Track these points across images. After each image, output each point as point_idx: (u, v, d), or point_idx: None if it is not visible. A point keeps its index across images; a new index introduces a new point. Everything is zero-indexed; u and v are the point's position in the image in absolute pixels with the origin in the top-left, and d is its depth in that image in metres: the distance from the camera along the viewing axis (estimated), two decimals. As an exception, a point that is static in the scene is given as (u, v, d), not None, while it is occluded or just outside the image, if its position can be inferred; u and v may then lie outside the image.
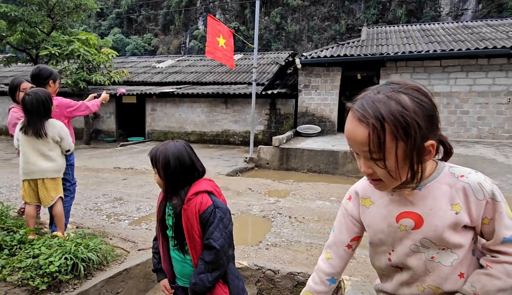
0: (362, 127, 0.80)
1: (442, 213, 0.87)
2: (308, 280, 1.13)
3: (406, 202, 0.91)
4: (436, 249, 0.90)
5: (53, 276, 2.07)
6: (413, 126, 0.77)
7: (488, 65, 9.72)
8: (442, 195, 0.88)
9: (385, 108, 0.77)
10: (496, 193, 0.86)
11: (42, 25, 12.51)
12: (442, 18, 28.19)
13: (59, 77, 3.25)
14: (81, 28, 29.00)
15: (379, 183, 0.88)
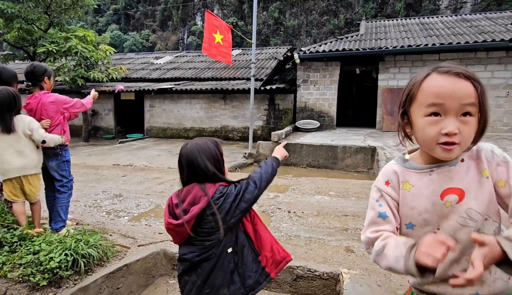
0: (468, 83, 0.89)
1: (477, 182, 0.94)
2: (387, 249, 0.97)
3: (446, 179, 0.96)
4: (481, 220, 0.93)
5: (54, 272, 2.08)
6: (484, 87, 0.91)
7: (487, 59, 9.70)
8: (471, 166, 0.95)
9: (470, 72, 0.91)
10: (507, 157, 0.94)
11: (39, 22, 12.44)
12: (441, 11, 28.07)
13: (54, 74, 3.26)
14: (79, 25, 28.84)
15: (454, 148, 0.91)
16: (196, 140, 1.52)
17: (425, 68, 0.97)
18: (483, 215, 0.93)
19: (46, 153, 3.07)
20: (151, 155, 9.37)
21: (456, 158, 0.96)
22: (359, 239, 3.45)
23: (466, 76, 0.89)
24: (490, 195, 0.93)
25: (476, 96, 0.89)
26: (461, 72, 0.90)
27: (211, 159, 1.46)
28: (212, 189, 1.40)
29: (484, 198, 0.93)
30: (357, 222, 3.96)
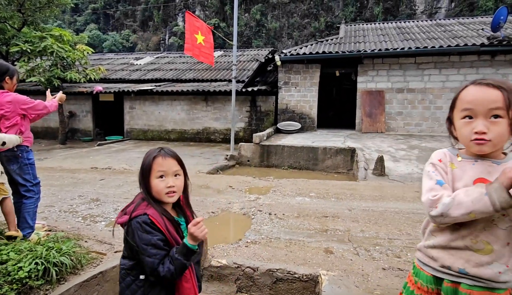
0: (496, 90, 1.09)
1: None
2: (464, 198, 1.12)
3: (485, 172, 1.14)
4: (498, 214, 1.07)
5: (23, 282, 2.00)
6: None
7: (460, 62, 10.07)
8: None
9: (506, 83, 1.10)
10: None
11: (12, 21, 11.99)
12: (417, 16, 28.95)
13: (17, 74, 3.10)
14: (55, 24, 28.00)
15: (486, 143, 1.10)
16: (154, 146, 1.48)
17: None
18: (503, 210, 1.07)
19: (6, 155, 2.90)
20: (131, 158, 9.19)
21: (501, 158, 1.15)
22: (338, 240, 3.50)
23: (495, 85, 1.10)
24: None
25: (503, 101, 1.07)
26: (491, 82, 1.11)
27: (140, 171, 1.40)
28: (137, 211, 1.32)
29: None
30: (336, 223, 4.01)
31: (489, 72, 9.90)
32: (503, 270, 1.12)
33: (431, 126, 10.42)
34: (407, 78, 10.46)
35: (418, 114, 10.47)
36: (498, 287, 1.13)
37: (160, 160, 1.37)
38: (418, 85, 10.40)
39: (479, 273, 1.13)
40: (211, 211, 4.52)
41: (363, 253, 3.16)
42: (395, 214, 4.31)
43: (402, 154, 7.61)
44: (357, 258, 3.04)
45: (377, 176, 6.34)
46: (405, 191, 5.42)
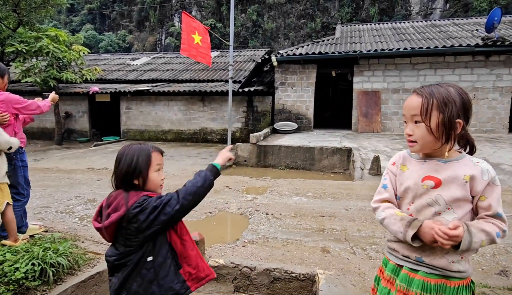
0: (418, 97, 1.22)
1: (456, 180, 1.20)
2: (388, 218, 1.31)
3: (432, 170, 1.25)
4: (444, 207, 1.21)
5: (20, 283, 2.00)
6: (451, 104, 1.17)
7: (455, 63, 10.15)
8: (459, 169, 1.21)
9: (436, 89, 1.21)
10: (497, 179, 1.19)
11: (8, 21, 11.91)
12: (412, 16, 29.11)
13: (8, 73, 3.05)
14: (51, 24, 27.84)
15: (413, 144, 1.25)
16: (135, 143, 1.51)
17: None
18: (447, 204, 1.21)
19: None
20: (127, 158, 9.15)
21: (446, 157, 1.23)
22: (335, 239, 3.52)
23: (419, 93, 1.23)
24: (460, 193, 1.19)
25: (420, 108, 1.20)
26: (417, 90, 1.25)
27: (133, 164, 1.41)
28: (134, 198, 1.36)
29: (453, 193, 1.20)
30: (333, 223, 4.03)
31: (484, 73, 9.99)
32: (456, 260, 1.21)
33: (427, 126, 10.47)
34: (402, 79, 10.53)
35: (414, 114, 10.52)
36: (453, 276, 1.21)
37: (156, 155, 1.46)
38: (414, 85, 10.46)
39: (433, 262, 1.22)
40: (208, 211, 4.52)
41: (359, 252, 3.18)
42: (391, 213, 4.34)
43: (398, 154, 7.65)
44: (354, 257, 3.06)
45: (373, 176, 6.37)
46: (401, 190, 5.45)
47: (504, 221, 1.18)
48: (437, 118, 1.18)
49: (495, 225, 1.16)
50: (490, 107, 10.07)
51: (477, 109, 10.12)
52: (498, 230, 1.16)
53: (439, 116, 1.18)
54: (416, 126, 1.23)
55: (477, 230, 1.14)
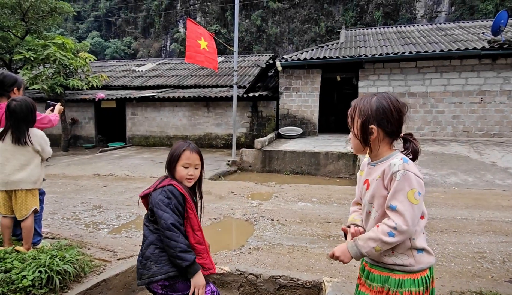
0: (350, 108, 1.39)
1: (375, 181, 1.32)
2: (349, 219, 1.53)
3: (367, 173, 1.40)
4: (369, 206, 1.36)
5: (27, 290, 2.00)
6: (366, 111, 1.31)
7: (461, 66, 10.08)
8: (379, 169, 1.31)
9: (361, 100, 1.36)
10: (399, 174, 1.23)
11: (16, 29, 12.11)
12: (417, 20, 29.05)
13: (24, 84, 3.14)
14: (58, 31, 28.25)
15: (352, 147, 1.43)
16: (182, 141, 1.80)
17: None
18: (369, 203, 1.35)
19: None
20: (133, 164, 9.21)
21: (375, 160, 1.36)
22: (341, 246, 3.48)
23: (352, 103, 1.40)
24: (374, 191, 1.31)
25: (350, 116, 1.38)
26: (353, 100, 1.40)
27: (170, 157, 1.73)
28: (164, 183, 1.67)
29: (371, 192, 1.33)
30: (339, 229, 3.99)
31: (491, 76, 9.91)
32: (388, 254, 1.30)
33: (433, 130, 10.40)
34: (408, 83, 10.47)
35: (420, 118, 10.46)
36: (394, 268, 1.30)
37: (188, 153, 1.71)
38: (420, 89, 10.40)
39: (370, 257, 1.34)
40: (213, 217, 4.52)
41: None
42: (398, 219, 4.29)
43: (404, 158, 7.58)
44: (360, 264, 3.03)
45: (379, 181, 6.32)
46: (408, 195, 5.39)
47: (400, 215, 1.21)
48: (357, 124, 1.34)
49: (384, 225, 1.23)
50: (498, 110, 9.97)
51: (484, 113, 10.02)
52: (388, 229, 1.22)
53: (358, 122, 1.33)
54: (351, 132, 1.40)
55: (363, 241, 1.27)
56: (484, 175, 6.30)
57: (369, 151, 1.36)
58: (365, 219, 1.40)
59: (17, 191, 2.67)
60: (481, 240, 3.57)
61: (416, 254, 1.28)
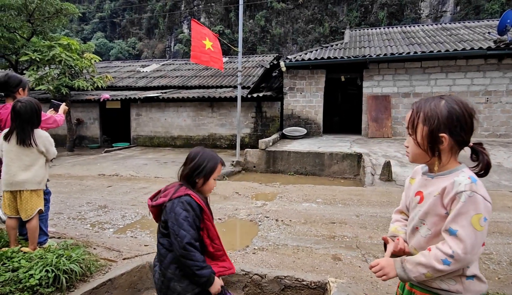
0: (410, 110, 1.23)
1: (432, 197, 1.16)
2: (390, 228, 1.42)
3: (422, 185, 1.24)
4: (419, 222, 1.21)
5: (34, 289, 2.02)
6: (435, 117, 1.14)
7: (467, 66, 10.01)
8: (441, 183, 1.15)
9: (425, 102, 1.19)
10: (464, 196, 1.07)
11: (22, 30, 12.23)
12: (422, 20, 28.90)
13: (28, 85, 3.17)
14: (63, 33, 28.46)
15: (408, 155, 1.27)
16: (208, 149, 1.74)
17: None
18: (420, 219, 1.20)
19: None
20: (137, 164, 9.25)
21: (435, 171, 1.20)
22: (346, 247, 3.47)
23: (412, 106, 1.23)
24: (429, 208, 1.16)
25: (408, 121, 1.23)
26: (414, 103, 1.23)
27: (203, 166, 1.64)
28: (180, 193, 1.57)
29: (425, 209, 1.18)
30: (344, 229, 3.98)
31: (497, 76, 9.82)
32: None
33: (438, 131, 10.33)
34: (413, 83, 10.42)
35: (425, 118, 10.40)
36: (437, 293, 1.16)
37: (220, 166, 1.72)
38: (425, 89, 10.34)
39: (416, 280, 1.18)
40: (218, 217, 4.52)
41: (371, 259, 3.13)
42: (403, 220, 4.27)
43: (409, 159, 7.55)
44: (366, 265, 3.02)
45: (384, 182, 6.30)
46: (413, 196, 5.36)
47: (459, 241, 1.05)
48: (422, 131, 1.17)
49: (438, 251, 1.09)
50: (504, 111, 9.88)
51: (490, 113, 9.94)
52: (443, 256, 1.07)
53: (423, 129, 1.16)
54: (409, 138, 1.23)
55: (412, 266, 1.14)
56: (490, 175, 6.25)
57: (431, 161, 1.19)
58: (411, 233, 1.25)
59: (22, 192, 2.69)
60: (487, 241, 3.54)
61: (466, 280, 1.13)
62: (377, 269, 1.20)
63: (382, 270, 1.19)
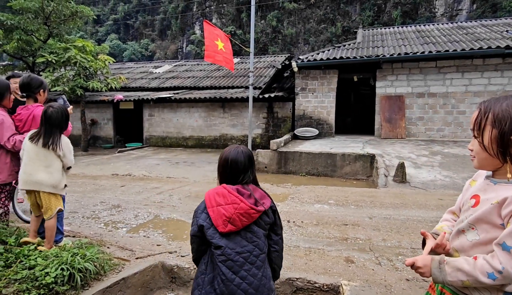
0: (476, 111, 1.15)
1: (489, 204, 1.08)
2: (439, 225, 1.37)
3: (482, 189, 1.17)
4: (467, 226, 1.14)
5: (49, 287, 2.05)
6: (506, 119, 1.05)
7: (484, 65, 9.77)
8: (502, 192, 1.07)
9: (496, 102, 1.10)
10: None
11: (39, 33, 12.51)
12: (437, 19, 28.35)
13: (48, 87, 3.27)
14: (78, 35, 29.03)
15: (473, 159, 1.18)
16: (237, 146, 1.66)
17: None
18: (470, 223, 1.13)
19: None
20: (150, 164, 9.35)
21: (500, 179, 1.13)
22: (359, 249, 3.43)
23: (478, 106, 1.14)
24: (483, 215, 1.08)
25: (473, 122, 1.14)
26: (481, 103, 1.15)
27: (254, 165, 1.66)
28: (267, 198, 1.57)
29: (478, 215, 1.10)
30: (357, 231, 3.93)
31: (515, 75, 9.55)
32: None
33: (454, 132, 10.12)
34: (428, 83, 10.23)
35: (440, 119, 10.19)
36: None
37: None
38: (440, 89, 10.14)
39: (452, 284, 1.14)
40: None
41: (385, 262, 3.08)
42: (418, 223, 4.19)
43: (424, 160, 7.41)
44: (379, 268, 2.97)
45: (398, 183, 6.20)
46: (428, 198, 5.26)
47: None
48: (490, 134, 1.08)
49: (486, 263, 1.03)
50: (522, 111, 9.60)
51: (508, 114, 9.67)
52: (490, 270, 1.01)
53: (492, 132, 1.07)
54: (474, 141, 1.15)
55: (452, 269, 1.08)
56: (509, 178, 6.07)
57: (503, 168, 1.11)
58: (455, 234, 1.20)
59: (39, 193, 2.76)
60: (506, 246, 3.43)
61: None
62: (413, 268, 1.17)
63: (420, 268, 1.15)
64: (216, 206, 1.48)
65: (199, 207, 1.55)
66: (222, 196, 1.49)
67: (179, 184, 6.82)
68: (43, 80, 3.18)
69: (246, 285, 1.45)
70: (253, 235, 1.50)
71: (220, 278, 1.45)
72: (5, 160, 2.96)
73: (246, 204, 1.47)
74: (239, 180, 1.55)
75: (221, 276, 1.45)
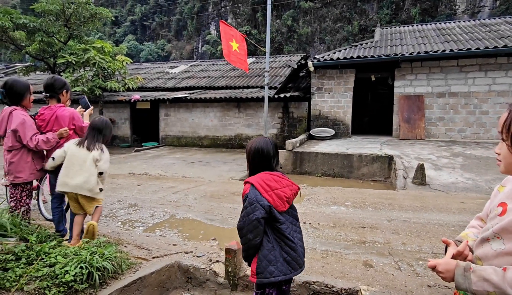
0: (505, 113, 1.08)
1: None
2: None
3: (510, 196, 1.11)
4: (492, 234, 1.10)
5: (69, 285, 2.08)
6: None
7: (508, 64, 9.41)
8: None
9: None
10: None
11: (59, 35, 12.85)
12: (458, 16, 27.54)
13: (70, 88, 3.40)
14: (97, 36, 29.69)
15: (499, 163, 1.15)
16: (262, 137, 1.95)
17: None
18: (495, 233, 1.08)
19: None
20: (166, 164, 9.44)
21: None
22: (378, 253, 3.34)
23: (508, 108, 1.08)
24: (510, 225, 1.04)
25: (501, 125, 1.08)
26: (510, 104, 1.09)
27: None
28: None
29: (504, 224, 1.05)
30: (375, 235, 3.84)
31: (542, 74, 9.16)
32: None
33: (476, 132, 9.79)
34: (449, 82, 9.93)
35: (462, 119, 9.88)
36: None
37: None
38: (461, 89, 9.83)
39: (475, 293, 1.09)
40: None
41: (405, 267, 2.99)
42: (439, 226, 4.06)
43: (445, 162, 7.19)
44: (399, 273, 2.88)
45: (417, 185, 6.03)
46: (449, 201, 5.09)
47: None
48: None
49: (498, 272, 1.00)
50: (550, 111, 9.19)
51: (534, 114, 9.28)
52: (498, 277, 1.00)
53: None
54: (502, 144, 1.10)
55: (478, 278, 1.04)
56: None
57: None
58: (480, 242, 1.17)
59: (78, 195, 2.93)
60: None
61: None
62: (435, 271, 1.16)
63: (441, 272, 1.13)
64: (273, 190, 1.77)
65: (255, 194, 1.74)
66: (274, 181, 1.80)
67: (195, 183, 6.85)
68: (66, 81, 3.27)
69: (300, 248, 1.86)
70: (292, 209, 1.90)
71: (288, 247, 1.79)
72: (26, 159, 3.02)
73: (296, 186, 1.88)
74: (271, 165, 1.86)
75: (290, 245, 1.79)
